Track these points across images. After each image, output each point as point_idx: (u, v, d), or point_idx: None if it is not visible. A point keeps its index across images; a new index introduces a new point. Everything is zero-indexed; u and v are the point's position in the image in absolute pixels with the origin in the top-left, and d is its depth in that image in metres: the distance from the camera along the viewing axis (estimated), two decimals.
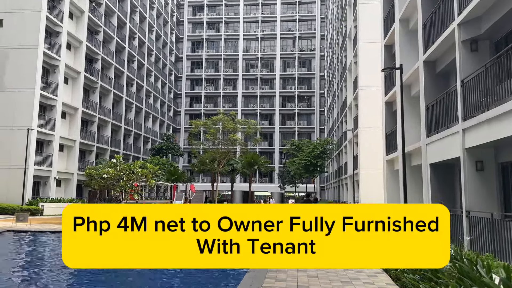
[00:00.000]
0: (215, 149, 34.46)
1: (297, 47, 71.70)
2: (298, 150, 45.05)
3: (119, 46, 49.60)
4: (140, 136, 55.49)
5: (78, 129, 40.03)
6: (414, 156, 17.64)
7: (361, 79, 31.61)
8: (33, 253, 13.98)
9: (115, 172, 22.32)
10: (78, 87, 40.39)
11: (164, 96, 65.71)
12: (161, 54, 64.54)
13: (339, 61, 46.35)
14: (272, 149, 68.78)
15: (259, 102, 70.62)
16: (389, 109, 21.81)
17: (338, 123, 46.25)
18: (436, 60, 15.32)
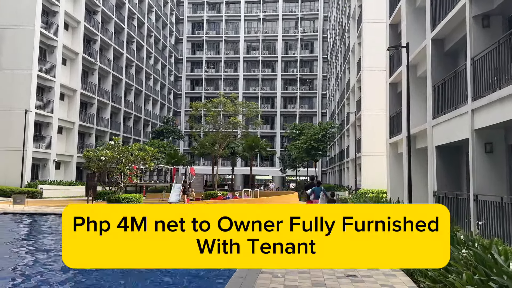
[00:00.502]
0: (215, 132, 33.92)
1: (300, 28, 70.45)
2: (300, 133, 44.54)
3: (118, 27, 48.69)
4: (140, 119, 54.99)
5: (77, 111, 39.55)
6: (419, 138, 17.16)
7: (364, 60, 30.90)
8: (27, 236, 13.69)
9: (113, 154, 21.88)
10: (77, 68, 39.74)
11: (164, 79, 64.93)
12: (161, 36, 63.52)
13: (342, 42, 45.44)
14: (273, 133, 68.28)
15: (260, 85, 69.79)
16: (394, 91, 21.23)
17: (341, 106, 45.61)
18: (444, 38, 14.68)
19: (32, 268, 8.97)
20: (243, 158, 51.98)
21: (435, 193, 14.17)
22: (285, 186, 62.43)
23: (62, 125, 37.90)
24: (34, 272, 8.61)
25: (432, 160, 14.58)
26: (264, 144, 41.40)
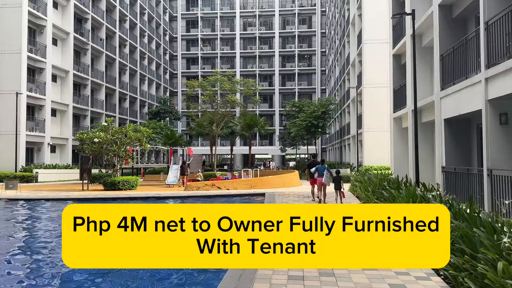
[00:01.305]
0: (213, 111, 33.00)
1: (297, 2, 68.58)
2: (299, 111, 43.65)
3: (109, 4, 47.13)
4: (136, 99, 53.96)
5: (70, 93, 38.57)
6: (425, 112, 16.39)
7: (365, 32, 29.79)
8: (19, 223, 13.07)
9: (107, 136, 21.10)
10: (68, 48, 38.54)
11: (159, 58, 63.54)
12: (154, 13, 61.79)
13: (342, 15, 44.07)
14: (272, 111, 67.33)
15: (258, 62, 68.41)
16: (397, 63, 20.32)
17: (341, 81, 44.60)
18: (452, 4, 13.74)
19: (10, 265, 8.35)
20: (242, 138, 51.20)
21: (444, 168, 13.51)
22: (285, 165, 61.90)
23: (55, 107, 36.99)
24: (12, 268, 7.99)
25: (440, 134, 13.85)
26: (262, 123, 40.52)
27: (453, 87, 12.60)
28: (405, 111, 18.42)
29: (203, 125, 34.19)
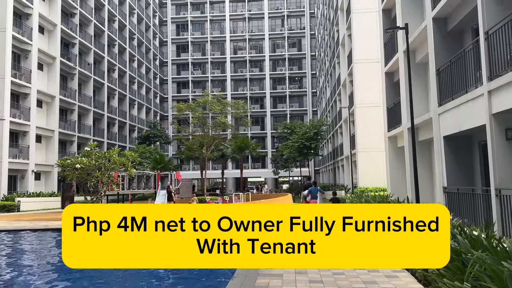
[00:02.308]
0: (202, 134, 32.14)
1: (286, 26, 69.08)
2: (291, 132, 43.04)
3: (97, 29, 46.80)
4: (125, 124, 53.04)
5: (56, 118, 37.60)
6: (422, 129, 15.71)
7: (355, 52, 29.49)
8: None
9: (90, 161, 20.09)
10: (54, 73, 37.80)
11: (150, 82, 63.07)
12: (144, 38, 61.66)
13: (331, 37, 44.10)
14: (264, 134, 66.71)
15: (248, 85, 68.21)
16: (390, 80, 19.79)
17: (332, 102, 44.22)
18: (447, 17, 13.25)
19: None
20: (234, 161, 50.26)
21: (445, 189, 12.70)
22: (278, 188, 60.83)
23: (40, 133, 35.92)
24: None
25: (440, 152, 13.10)
26: (254, 145, 39.73)
27: (452, 102, 11.94)
28: (400, 129, 17.75)
29: (193, 149, 33.27)
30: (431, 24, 13.31)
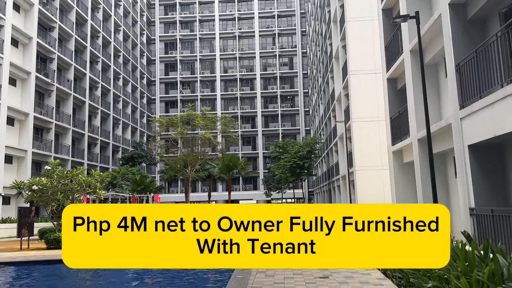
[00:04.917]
0: (187, 152, 29.51)
1: (277, 44, 67.63)
2: (283, 152, 40.62)
3: (79, 45, 44.55)
4: (108, 145, 50.22)
5: (29, 137, 34.78)
6: (435, 140, 13.28)
7: (351, 63, 27.41)
8: None
9: (50, 182, 17.35)
10: (29, 89, 35.21)
11: (136, 101, 60.64)
12: (131, 56, 59.59)
13: (324, 51, 42.28)
14: (256, 154, 64.17)
15: (239, 104, 66.08)
16: (393, 87, 17.52)
17: (326, 119, 41.99)
18: (466, 3, 11.03)
19: None
20: (221, 181, 47.46)
21: (473, 210, 10.18)
22: None
23: (11, 153, 33.04)
24: None
25: (464, 165, 10.63)
26: (243, 164, 37.07)
27: (480, 101, 9.57)
28: (407, 142, 15.34)
29: (176, 168, 30.54)
30: (447, 11, 11.06)
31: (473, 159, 10.34)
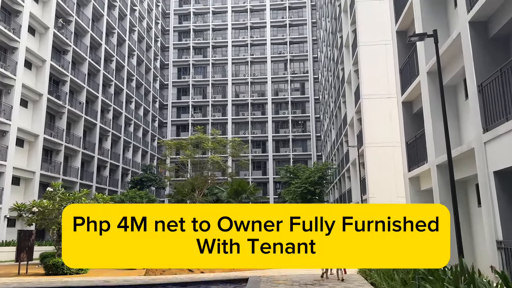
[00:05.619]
0: (195, 175, 28.92)
1: (289, 70, 67.76)
2: (294, 177, 39.74)
3: (92, 68, 45.01)
4: (118, 167, 49.94)
5: (38, 159, 34.63)
6: (455, 166, 12.44)
7: (363, 87, 26.86)
8: None
9: (52, 204, 16.81)
10: (40, 111, 35.32)
11: (147, 125, 60.74)
12: (144, 80, 60.11)
13: (336, 76, 41.94)
14: (266, 179, 63.27)
15: (250, 128, 65.76)
16: (408, 111, 16.81)
17: (338, 145, 41.17)
18: (487, 21, 10.42)
19: None
20: None
21: (501, 243, 9.24)
22: None
23: (19, 174, 32.83)
24: None
25: (489, 194, 9.76)
26: (252, 189, 36.21)
27: (506, 124, 8.80)
28: (424, 168, 14.49)
29: (183, 192, 29.88)
30: (467, 30, 10.45)
31: (499, 187, 9.48)
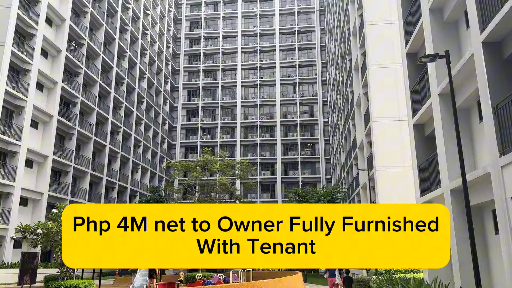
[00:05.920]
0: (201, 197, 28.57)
1: (298, 92, 67.90)
2: (303, 200, 39.13)
3: (103, 90, 45.53)
4: (126, 189, 49.81)
5: (47, 180, 34.64)
6: (470, 191, 11.97)
7: (373, 110, 26.59)
8: None
9: (56, 226, 16.57)
10: (50, 132, 35.57)
11: (156, 147, 60.89)
12: (154, 102, 60.63)
13: (345, 99, 41.80)
14: (274, 201, 62.43)
15: (259, 150, 65.51)
16: (420, 134, 16.43)
17: (347, 168, 40.65)
18: (502, 41, 10.17)
19: None
20: None
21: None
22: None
23: (27, 195, 32.80)
24: None
25: (507, 220, 9.29)
26: None
27: None
28: (438, 192, 14.01)
29: None
30: (480, 50, 10.20)
31: None
